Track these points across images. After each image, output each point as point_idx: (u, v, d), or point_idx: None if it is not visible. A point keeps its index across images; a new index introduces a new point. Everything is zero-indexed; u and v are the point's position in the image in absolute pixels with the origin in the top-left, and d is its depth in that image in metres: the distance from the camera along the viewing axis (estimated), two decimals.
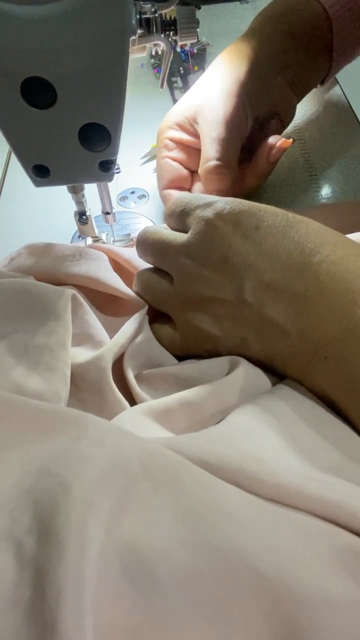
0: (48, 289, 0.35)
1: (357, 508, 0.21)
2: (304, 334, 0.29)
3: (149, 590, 0.18)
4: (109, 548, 0.19)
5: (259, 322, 0.30)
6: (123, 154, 0.38)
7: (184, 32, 0.37)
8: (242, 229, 0.31)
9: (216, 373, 0.32)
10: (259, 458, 0.24)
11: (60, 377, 0.31)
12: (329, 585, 0.19)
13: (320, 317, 0.28)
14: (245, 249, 0.31)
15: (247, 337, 0.31)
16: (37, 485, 0.20)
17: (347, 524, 0.21)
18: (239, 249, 0.31)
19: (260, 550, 0.20)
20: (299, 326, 0.29)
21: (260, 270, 0.30)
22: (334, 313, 0.28)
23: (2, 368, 0.30)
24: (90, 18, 0.27)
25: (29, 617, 0.16)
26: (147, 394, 0.32)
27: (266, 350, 0.31)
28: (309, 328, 0.29)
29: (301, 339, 0.29)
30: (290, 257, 0.30)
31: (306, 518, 0.22)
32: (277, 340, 0.30)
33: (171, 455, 0.23)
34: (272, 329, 0.30)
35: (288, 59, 0.50)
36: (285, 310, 0.29)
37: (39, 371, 0.30)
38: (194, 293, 0.33)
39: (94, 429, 0.23)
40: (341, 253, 0.29)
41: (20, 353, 0.31)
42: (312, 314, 0.29)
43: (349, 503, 0.21)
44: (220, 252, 0.31)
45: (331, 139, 0.56)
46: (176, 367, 0.34)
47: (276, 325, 0.30)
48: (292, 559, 0.20)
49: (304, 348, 0.29)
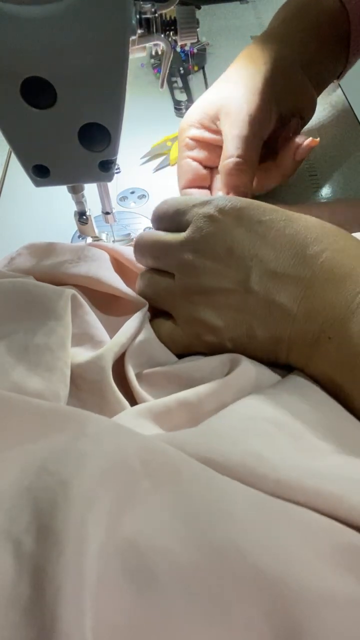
0: (48, 289, 0.35)
1: (358, 503, 0.21)
2: (310, 316, 0.30)
3: (148, 588, 0.18)
4: (109, 546, 0.19)
5: (265, 309, 0.31)
6: (123, 154, 0.38)
7: (184, 32, 0.37)
8: (245, 223, 0.32)
9: (217, 372, 0.32)
10: (260, 454, 0.24)
11: (60, 377, 0.31)
12: (330, 584, 0.19)
13: (326, 299, 0.29)
14: (250, 241, 0.32)
15: (252, 325, 0.32)
16: (36, 484, 0.20)
17: (348, 518, 0.21)
18: (244, 240, 0.32)
19: (260, 548, 0.20)
20: (305, 308, 0.30)
21: (265, 260, 0.31)
22: (339, 295, 0.29)
23: (2, 368, 0.30)
24: (91, 18, 0.27)
25: (27, 615, 0.16)
26: (148, 394, 0.32)
27: (271, 335, 0.32)
28: (314, 310, 0.30)
29: (307, 321, 0.30)
30: (294, 246, 0.31)
31: (307, 514, 0.22)
32: (284, 324, 0.31)
33: (171, 451, 0.23)
34: (278, 313, 0.31)
35: (310, 54, 0.51)
36: (292, 294, 0.30)
37: (38, 371, 0.30)
38: (197, 286, 0.33)
39: (93, 427, 0.23)
40: (342, 243, 0.31)
41: (20, 353, 0.31)
42: (318, 296, 0.30)
43: (349, 497, 0.21)
44: (224, 244, 0.32)
45: (331, 139, 0.56)
46: (177, 366, 0.34)
47: (283, 309, 0.31)
48: (293, 557, 0.20)
49: (309, 329, 0.30)
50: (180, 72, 0.68)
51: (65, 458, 0.21)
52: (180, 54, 0.70)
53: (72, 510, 0.19)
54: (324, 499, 0.22)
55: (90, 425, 0.23)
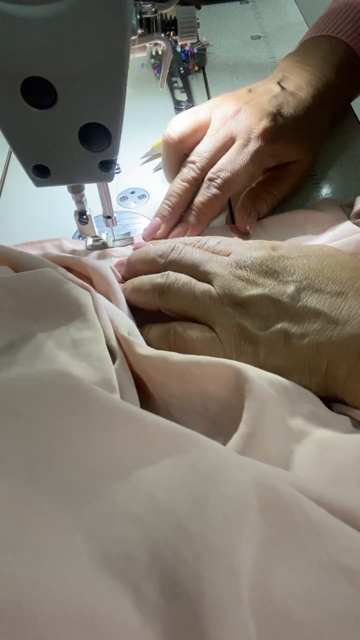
0: (74, 283, 0.37)
1: None
2: (350, 319, 0.32)
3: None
4: None
5: (304, 316, 0.33)
6: (123, 154, 0.38)
7: (184, 32, 0.37)
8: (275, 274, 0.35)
9: None
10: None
11: (110, 366, 0.32)
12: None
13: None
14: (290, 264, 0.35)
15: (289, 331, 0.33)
16: (153, 525, 0.19)
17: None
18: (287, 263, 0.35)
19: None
20: (345, 315, 0.32)
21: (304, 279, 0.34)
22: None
23: (61, 364, 0.31)
24: (90, 18, 0.27)
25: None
26: None
27: (312, 341, 0.32)
28: (354, 315, 0.32)
29: (347, 324, 0.32)
30: None
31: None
32: (324, 330, 0.32)
33: (287, 492, 0.22)
34: (319, 321, 0.32)
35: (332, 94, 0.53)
36: (332, 304, 0.33)
37: (91, 360, 0.32)
38: (240, 294, 0.34)
39: (209, 456, 0.22)
40: None
41: (68, 347, 0.32)
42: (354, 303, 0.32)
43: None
44: None
45: (331, 139, 0.56)
46: None
47: (324, 316, 0.32)
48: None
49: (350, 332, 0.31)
50: (181, 72, 0.68)
51: (183, 496, 0.20)
52: (181, 54, 0.70)
53: (217, 579, 0.17)
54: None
55: (205, 454, 0.22)
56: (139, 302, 0.40)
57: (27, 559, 0.17)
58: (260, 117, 0.47)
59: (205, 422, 0.32)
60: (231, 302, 0.35)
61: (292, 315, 0.33)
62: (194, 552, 0.17)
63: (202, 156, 0.46)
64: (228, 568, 0.17)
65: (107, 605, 0.16)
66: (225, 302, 0.35)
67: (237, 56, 0.72)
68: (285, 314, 0.33)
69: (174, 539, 0.18)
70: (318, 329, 0.32)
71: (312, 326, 0.32)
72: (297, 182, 0.52)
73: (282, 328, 0.33)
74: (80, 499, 0.20)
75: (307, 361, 0.32)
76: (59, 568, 0.17)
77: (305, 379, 0.33)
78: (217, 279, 0.36)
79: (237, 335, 0.34)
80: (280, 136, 0.47)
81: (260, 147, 0.46)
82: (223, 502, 0.20)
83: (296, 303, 0.33)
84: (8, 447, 0.21)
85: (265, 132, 0.46)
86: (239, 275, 0.35)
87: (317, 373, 0.32)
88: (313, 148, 0.52)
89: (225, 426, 0.30)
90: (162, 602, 0.16)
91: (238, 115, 0.47)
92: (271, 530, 0.20)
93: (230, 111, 0.47)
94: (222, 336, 0.34)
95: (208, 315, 0.35)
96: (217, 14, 0.81)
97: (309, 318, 0.33)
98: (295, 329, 0.33)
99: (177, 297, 0.37)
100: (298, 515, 0.21)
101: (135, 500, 0.20)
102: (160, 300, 0.38)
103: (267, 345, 0.33)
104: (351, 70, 0.55)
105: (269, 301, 0.34)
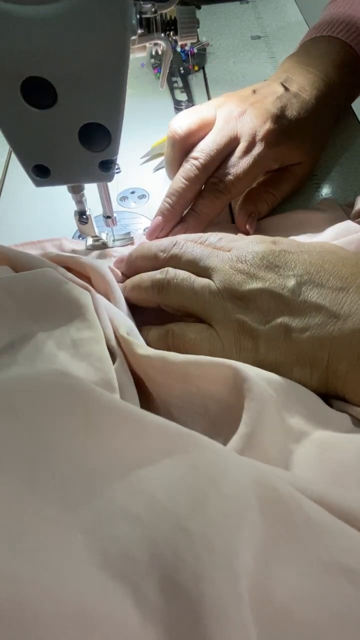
0: (75, 283, 0.36)
1: None
2: (352, 314, 0.31)
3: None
4: None
5: (306, 311, 0.33)
6: (123, 154, 0.38)
7: (184, 32, 0.37)
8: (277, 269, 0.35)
9: None
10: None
11: (110, 366, 0.32)
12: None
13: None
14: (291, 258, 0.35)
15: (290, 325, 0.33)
16: (153, 525, 0.19)
17: None
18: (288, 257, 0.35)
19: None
20: (347, 310, 0.32)
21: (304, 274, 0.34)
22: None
23: (61, 364, 0.31)
24: (91, 18, 0.27)
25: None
26: None
27: (312, 335, 0.32)
28: (355, 310, 0.32)
29: (348, 319, 0.32)
30: None
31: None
32: (325, 324, 0.32)
33: (287, 492, 0.22)
34: (320, 315, 0.32)
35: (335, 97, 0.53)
36: (333, 299, 0.32)
37: (91, 361, 0.32)
38: (240, 288, 0.34)
39: (209, 456, 0.22)
40: None
41: (68, 347, 0.32)
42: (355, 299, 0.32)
43: None
44: None
45: (331, 139, 0.56)
46: None
47: (325, 310, 0.32)
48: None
49: (351, 327, 0.31)
50: (181, 72, 0.68)
51: (183, 496, 0.20)
52: (181, 54, 0.70)
53: (218, 579, 0.17)
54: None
55: (204, 453, 0.22)
56: (138, 299, 0.40)
57: (27, 559, 0.17)
58: (264, 120, 0.47)
59: (206, 422, 0.32)
60: (231, 296, 0.35)
61: (292, 309, 0.33)
62: (193, 552, 0.18)
63: (205, 153, 0.46)
64: (228, 568, 0.17)
65: (107, 605, 0.17)
66: (225, 297, 0.35)
67: (237, 56, 0.72)
68: (285, 308, 0.33)
69: (173, 539, 0.18)
70: (319, 323, 0.32)
71: (313, 320, 0.32)
72: (298, 184, 0.52)
73: (282, 322, 0.33)
74: (80, 498, 0.20)
75: (308, 355, 0.32)
76: (59, 568, 0.17)
77: (306, 374, 0.33)
78: (217, 274, 0.36)
79: (236, 331, 0.34)
80: (284, 139, 0.47)
81: (264, 150, 0.46)
82: (223, 502, 0.20)
83: (297, 297, 0.33)
84: (8, 447, 0.21)
85: (268, 135, 0.46)
86: (239, 269, 0.35)
87: (318, 367, 0.32)
88: (315, 150, 0.52)
89: (225, 426, 0.30)
90: (162, 602, 0.16)
91: (243, 117, 0.47)
92: (271, 530, 0.20)
93: (235, 112, 0.48)
94: (221, 332, 0.34)
95: (207, 311, 0.35)
96: (217, 14, 0.81)
97: (310, 312, 0.32)
98: (295, 323, 0.33)
99: (176, 292, 0.37)
100: (298, 515, 0.21)
101: (135, 500, 0.20)
102: (160, 297, 0.38)
103: (268, 340, 0.33)
104: (353, 71, 0.55)
105: (269, 295, 0.34)
